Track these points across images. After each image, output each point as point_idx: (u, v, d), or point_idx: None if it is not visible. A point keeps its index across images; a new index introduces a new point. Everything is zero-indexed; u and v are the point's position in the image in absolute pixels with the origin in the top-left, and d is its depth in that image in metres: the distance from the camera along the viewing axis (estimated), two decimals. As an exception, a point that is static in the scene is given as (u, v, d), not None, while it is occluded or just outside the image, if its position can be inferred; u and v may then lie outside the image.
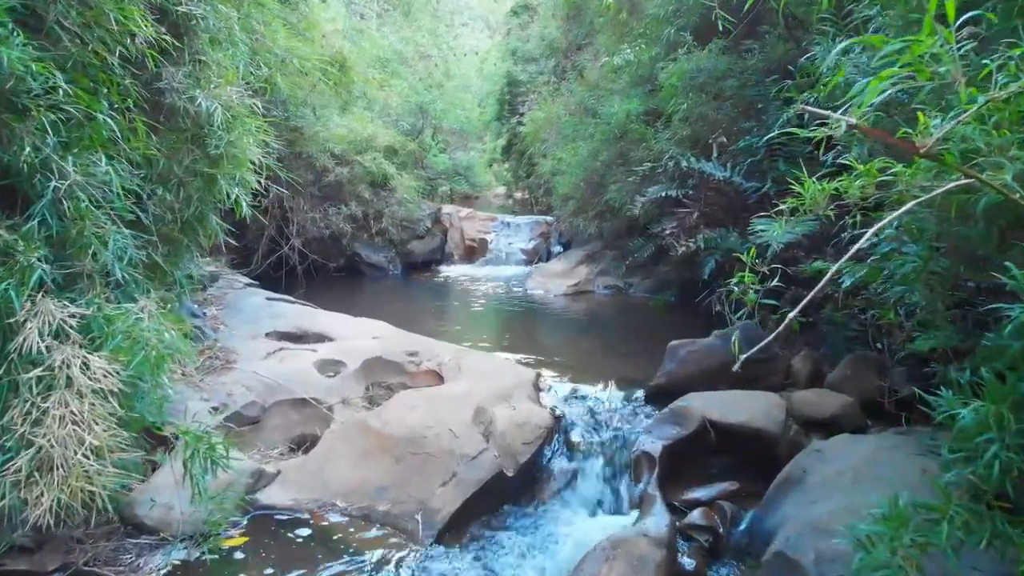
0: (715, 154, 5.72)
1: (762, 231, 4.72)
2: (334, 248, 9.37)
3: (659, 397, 4.22)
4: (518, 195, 19.56)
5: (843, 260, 2.05)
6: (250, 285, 6.17)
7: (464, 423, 3.60)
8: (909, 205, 1.89)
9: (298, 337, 5.12)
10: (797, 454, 3.51)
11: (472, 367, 4.54)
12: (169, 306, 3.82)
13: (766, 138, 5.01)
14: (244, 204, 4.01)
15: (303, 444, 4.09)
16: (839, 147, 3.41)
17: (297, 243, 8.67)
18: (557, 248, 11.20)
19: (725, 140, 5.69)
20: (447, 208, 11.95)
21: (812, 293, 1.95)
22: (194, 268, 5.88)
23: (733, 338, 2.52)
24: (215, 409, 4.00)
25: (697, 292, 6.51)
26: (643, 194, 6.44)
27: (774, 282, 2.66)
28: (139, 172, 3.64)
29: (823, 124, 1.95)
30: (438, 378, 4.59)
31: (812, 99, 3.70)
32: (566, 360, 5.25)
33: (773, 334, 2.02)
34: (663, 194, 6.26)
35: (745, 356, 2.10)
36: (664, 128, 6.95)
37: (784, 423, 3.79)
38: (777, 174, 5.48)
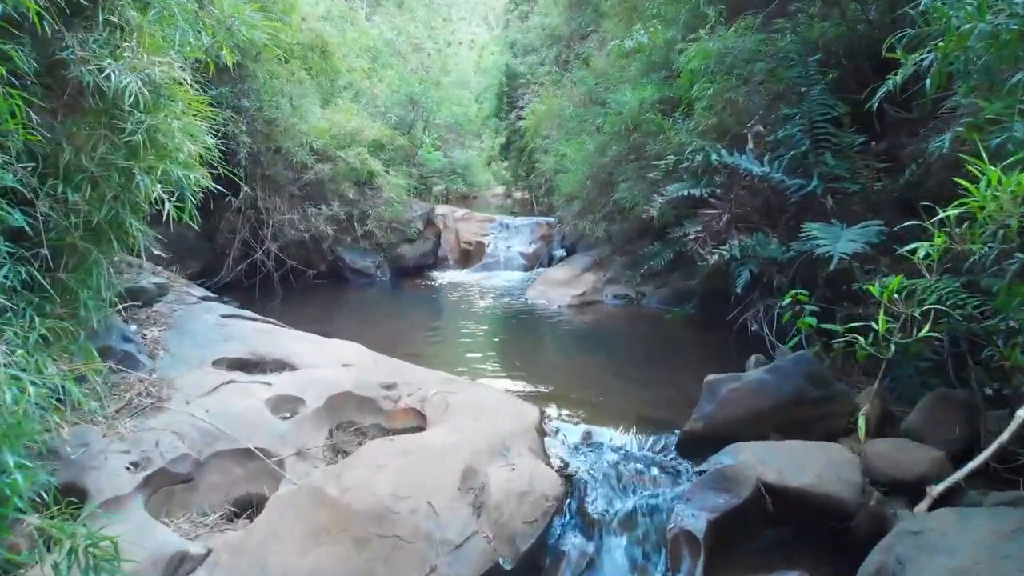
0: (750, 146, 4.87)
1: (820, 241, 3.88)
2: (315, 252, 8.52)
3: (695, 446, 3.38)
4: (517, 195, 18.73)
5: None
6: (206, 298, 5.31)
7: (447, 492, 2.75)
8: None
9: (254, 365, 4.26)
10: (884, 534, 2.68)
11: (462, 404, 3.69)
12: (68, 341, 2.98)
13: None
14: (169, 204, 3.15)
15: (247, 508, 3.24)
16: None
17: (272, 247, 7.82)
18: (559, 252, 10.35)
19: (762, 129, 4.84)
20: (441, 209, 11.10)
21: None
22: (144, 280, 5.07)
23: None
24: (134, 465, 3.17)
25: (721, 304, 5.66)
26: (661, 193, 5.59)
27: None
28: (25, 165, 2.81)
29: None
30: (419, 417, 3.74)
31: (926, 59, 2.82)
32: (575, 391, 4.40)
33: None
34: (685, 193, 5.42)
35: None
36: (684, 118, 6.10)
37: (860, 486, 2.95)
38: (824, 170, 4.64)
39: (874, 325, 2.96)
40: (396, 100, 9.80)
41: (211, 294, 5.45)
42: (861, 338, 3.32)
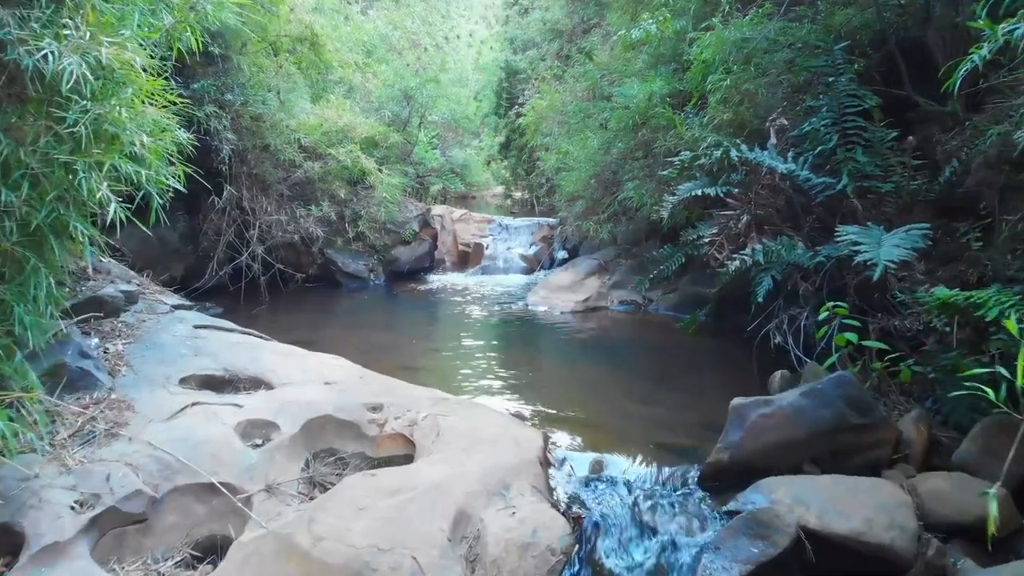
0: (772, 141, 4.46)
1: (862, 247, 3.47)
2: (305, 255, 8.11)
3: (722, 480, 2.97)
4: (517, 194, 18.35)
5: None
6: (180, 307, 4.89)
7: (436, 543, 2.35)
8: None
9: (226, 383, 3.85)
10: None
11: (455, 430, 3.28)
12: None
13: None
14: (115, 205, 2.73)
15: (210, 553, 2.83)
16: None
17: (259, 250, 7.40)
18: (561, 254, 9.95)
19: (786, 123, 4.43)
20: (438, 209, 10.70)
21: None
22: (110, 288, 4.67)
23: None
24: (80, 504, 2.77)
25: (737, 311, 5.26)
26: (672, 192, 5.18)
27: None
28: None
29: None
30: (407, 444, 3.33)
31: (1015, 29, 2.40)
32: (582, 410, 3.99)
33: None
34: (698, 192, 5.00)
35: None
36: (696, 112, 5.70)
37: (916, 533, 2.54)
38: (854, 167, 4.23)
39: (1002, 371, 2.53)
40: (390, 95, 9.38)
41: (186, 302, 5.04)
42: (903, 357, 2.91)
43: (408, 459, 3.27)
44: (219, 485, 2.89)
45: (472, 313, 7.01)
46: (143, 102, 3.14)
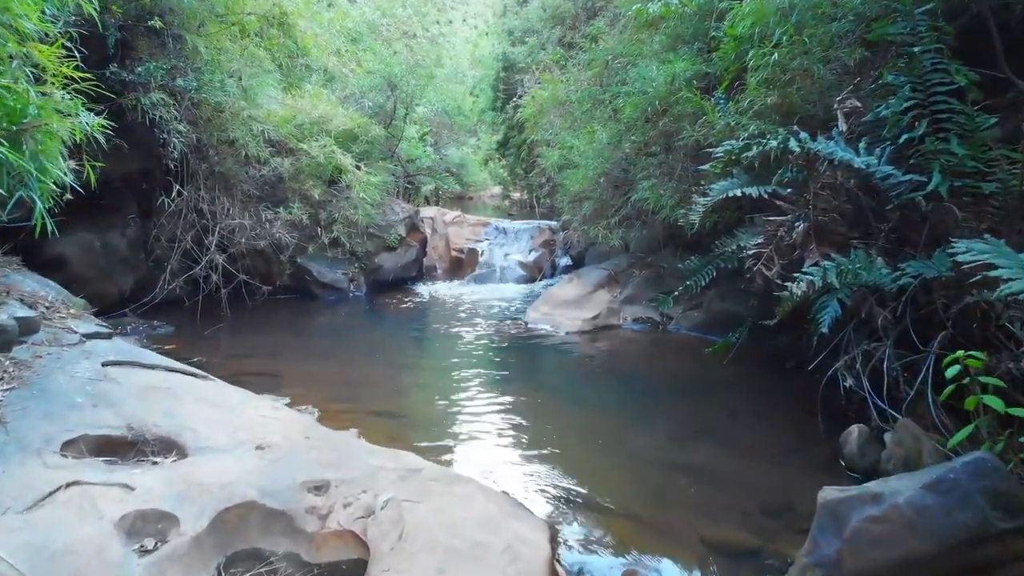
0: (841, 127, 3.52)
1: (1005, 270, 2.51)
2: (276, 263, 7.15)
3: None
4: (516, 195, 17.44)
5: None
6: (95, 335, 3.92)
7: None
8: None
9: (127, 446, 2.90)
10: None
11: (426, 528, 2.34)
12: None
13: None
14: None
15: None
16: None
17: (219, 259, 6.44)
18: (564, 261, 9.01)
19: (858, 104, 3.48)
20: (428, 211, 9.76)
21: None
22: (3, 314, 3.71)
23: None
24: None
25: (781, 335, 4.35)
26: (704, 193, 4.24)
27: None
28: None
29: None
30: (359, 545, 2.39)
31: None
32: (602, 485, 3.03)
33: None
34: (737, 193, 4.06)
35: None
36: (730, 98, 4.76)
37: None
38: (948, 161, 3.29)
39: None
40: (372, 84, 8.41)
41: (104, 328, 4.08)
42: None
43: (360, 567, 2.32)
44: (69, 629, 1.95)
45: (462, 334, 6.05)
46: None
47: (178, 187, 5.96)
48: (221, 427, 3.02)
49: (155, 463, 2.82)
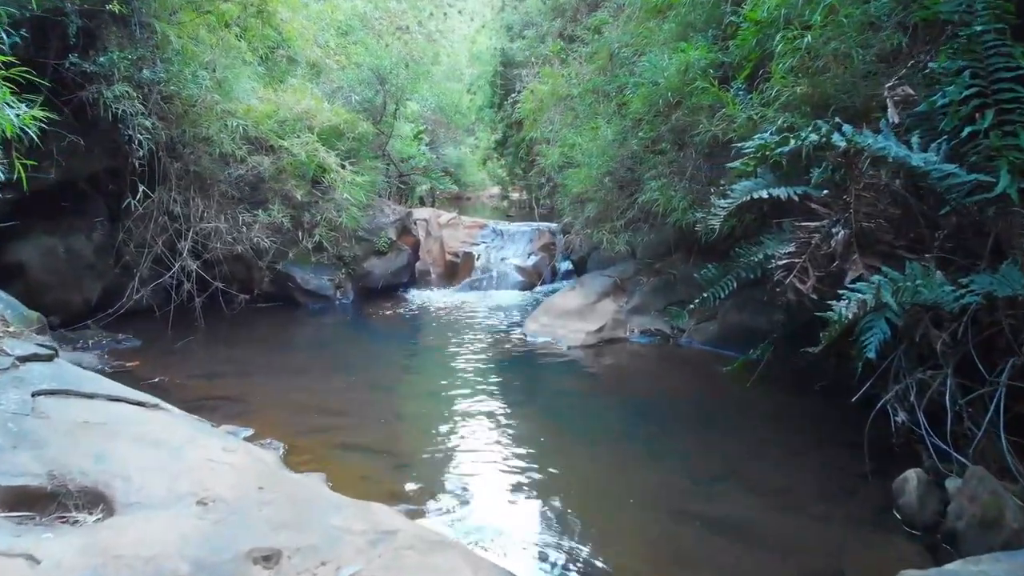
0: (893, 119, 3.04)
1: None
2: (257, 269, 6.66)
3: None
4: (515, 195, 16.96)
5: None
6: (34, 357, 3.43)
7: None
8: None
9: (46, 498, 2.41)
10: None
11: (399, 614, 1.85)
12: None
13: None
14: None
15: None
16: None
17: (193, 265, 5.95)
18: (565, 266, 8.52)
19: (912, 93, 3.00)
20: (422, 212, 9.27)
21: None
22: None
23: None
24: None
25: (795, 344, 3.84)
26: (725, 194, 3.77)
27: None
28: None
29: None
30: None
31: None
32: (619, 547, 2.54)
33: None
34: (763, 194, 3.59)
35: None
36: (750, 89, 4.29)
37: None
38: (1020, 159, 2.81)
39: None
40: (360, 78, 7.91)
41: (44, 349, 3.57)
42: None
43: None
44: None
45: (453, 349, 5.54)
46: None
47: (143, 188, 5.46)
48: (159, 475, 2.53)
49: (75, 522, 2.34)
